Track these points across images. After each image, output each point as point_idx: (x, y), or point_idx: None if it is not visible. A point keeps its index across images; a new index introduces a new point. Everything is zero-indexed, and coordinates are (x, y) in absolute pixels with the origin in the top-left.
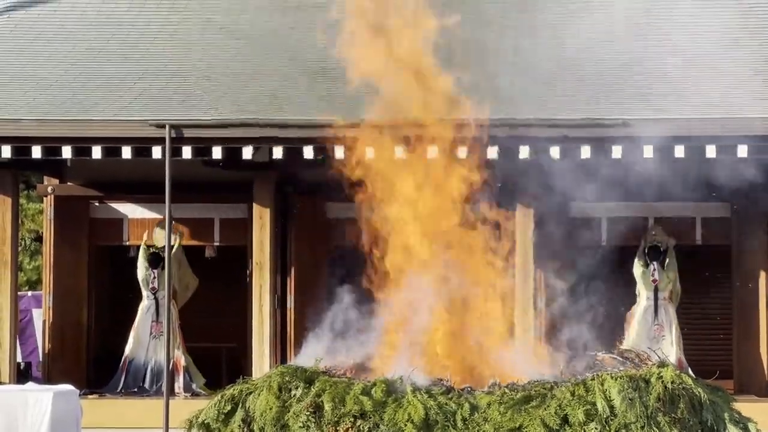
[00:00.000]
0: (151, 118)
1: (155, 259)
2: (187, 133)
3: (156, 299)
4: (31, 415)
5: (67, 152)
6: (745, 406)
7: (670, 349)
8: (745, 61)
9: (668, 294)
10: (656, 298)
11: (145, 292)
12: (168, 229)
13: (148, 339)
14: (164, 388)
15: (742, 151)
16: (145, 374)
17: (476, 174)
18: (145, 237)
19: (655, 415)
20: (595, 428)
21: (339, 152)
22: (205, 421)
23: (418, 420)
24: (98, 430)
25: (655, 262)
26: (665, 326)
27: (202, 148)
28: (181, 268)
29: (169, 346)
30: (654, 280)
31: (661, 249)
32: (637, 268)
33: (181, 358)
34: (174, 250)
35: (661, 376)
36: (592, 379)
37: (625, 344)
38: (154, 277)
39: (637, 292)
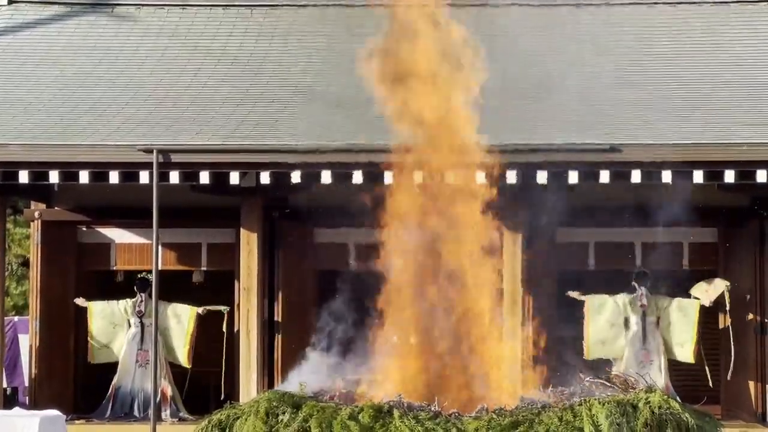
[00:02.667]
0: (139, 143)
1: (143, 285)
2: (175, 158)
3: (142, 325)
4: None
5: (54, 177)
6: None
7: (658, 374)
8: (730, 85)
9: (656, 320)
10: (644, 324)
11: (132, 320)
12: (155, 252)
13: (134, 367)
14: (151, 413)
15: (729, 176)
16: (133, 402)
17: (470, 199)
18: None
19: None
20: None
21: (326, 177)
22: None
23: None
24: None
25: (643, 288)
26: (653, 352)
27: (189, 173)
28: (169, 337)
29: (156, 373)
30: (642, 305)
31: (648, 274)
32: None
33: (167, 387)
34: (196, 312)
35: (649, 402)
36: (579, 404)
37: (614, 369)
38: (141, 301)
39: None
